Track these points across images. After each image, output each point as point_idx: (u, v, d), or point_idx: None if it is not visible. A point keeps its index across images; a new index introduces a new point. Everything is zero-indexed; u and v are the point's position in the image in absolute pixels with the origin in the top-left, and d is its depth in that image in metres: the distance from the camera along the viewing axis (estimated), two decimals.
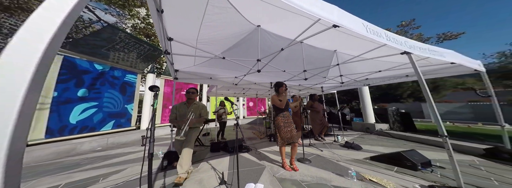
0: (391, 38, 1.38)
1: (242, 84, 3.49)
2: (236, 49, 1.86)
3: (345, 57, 2.18)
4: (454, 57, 1.88)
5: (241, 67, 2.30)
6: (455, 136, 3.47)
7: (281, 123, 1.80)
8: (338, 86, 3.94)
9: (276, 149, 2.79)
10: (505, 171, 1.69)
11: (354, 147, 2.68)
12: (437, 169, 1.74)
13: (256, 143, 3.35)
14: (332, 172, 1.69)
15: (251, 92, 5.12)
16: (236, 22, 1.36)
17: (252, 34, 1.56)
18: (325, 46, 1.92)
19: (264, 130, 4.77)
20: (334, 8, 1.07)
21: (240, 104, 8.92)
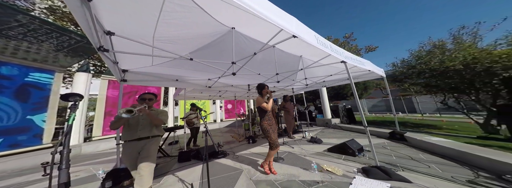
0: (334, 49, 1.79)
1: (217, 86, 3.29)
2: (208, 50, 1.71)
3: (308, 62, 2.50)
4: (370, 66, 2.71)
5: (215, 69, 2.15)
6: (375, 124, 4.90)
7: (268, 126, 1.74)
8: (305, 87, 4.60)
9: (254, 151, 2.76)
10: (398, 147, 2.43)
11: (316, 141, 3.07)
12: (366, 153, 2.20)
13: (235, 147, 3.20)
14: (300, 167, 1.83)
15: (228, 95, 4.89)
16: (207, 23, 1.24)
17: (226, 36, 1.47)
18: (293, 51, 2.10)
19: (243, 132, 4.65)
20: (293, 19, 1.21)
21: (217, 106, 8.38)
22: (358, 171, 1.64)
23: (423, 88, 4.06)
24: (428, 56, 3.85)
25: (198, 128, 3.53)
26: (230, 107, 8.45)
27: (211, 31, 1.41)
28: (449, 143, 2.11)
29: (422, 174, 1.51)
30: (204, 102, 7.49)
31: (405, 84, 4.46)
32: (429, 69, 3.63)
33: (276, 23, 1.07)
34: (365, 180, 1.44)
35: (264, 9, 1.02)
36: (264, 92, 1.82)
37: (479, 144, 2.20)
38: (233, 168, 2.00)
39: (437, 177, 1.42)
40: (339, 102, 9.33)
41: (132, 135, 1.27)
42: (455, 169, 1.58)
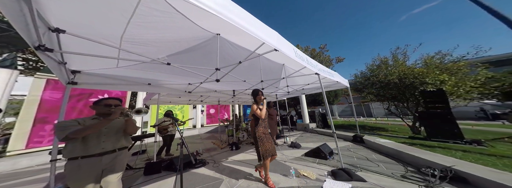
0: (309, 62, 2.04)
1: (199, 91, 3.06)
2: (189, 54, 1.58)
3: (290, 71, 2.67)
4: (338, 77, 3.22)
5: (196, 74, 2.01)
6: (343, 128, 5.66)
7: (263, 134, 1.65)
8: (287, 94, 4.92)
9: (237, 159, 2.66)
10: (359, 149, 2.85)
11: (296, 146, 3.26)
12: (335, 156, 2.41)
13: (216, 154, 3.02)
14: (280, 174, 1.89)
15: (211, 99, 4.62)
16: (190, 28, 1.17)
17: (211, 41, 1.40)
18: (277, 60, 2.19)
19: (226, 138, 4.45)
20: (274, 33, 1.33)
21: (198, 111, 7.71)
22: (328, 174, 1.82)
23: (375, 97, 5.05)
24: (377, 70, 4.81)
25: (173, 135, 3.16)
26: (213, 111, 7.99)
27: (193, 35, 1.32)
28: (390, 144, 2.66)
29: (372, 172, 1.83)
30: (183, 107, 6.80)
31: (363, 93, 5.44)
32: (379, 81, 4.56)
33: (259, 37, 1.14)
34: (333, 182, 1.62)
35: (247, 23, 1.08)
36: (258, 99, 1.75)
37: (409, 143, 2.87)
38: (212, 178, 1.88)
39: (383, 175, 1.75)
40: (316, 107, 10.38)
41: (93, 148, 0.97)
42: (394, 166, 1.99)
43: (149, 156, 2.89)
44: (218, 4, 0.88)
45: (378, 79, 4.57)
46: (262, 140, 1.63)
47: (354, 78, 5.84)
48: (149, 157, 2.85)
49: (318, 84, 3.69)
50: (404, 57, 4.57)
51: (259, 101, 1.74)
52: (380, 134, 4.21)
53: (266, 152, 1.60)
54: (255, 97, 1.76)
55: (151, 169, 2.09)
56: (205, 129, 7.25)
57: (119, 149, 1.07)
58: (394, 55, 4.73)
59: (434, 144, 2.88)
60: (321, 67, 2.43)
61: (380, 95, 4.75)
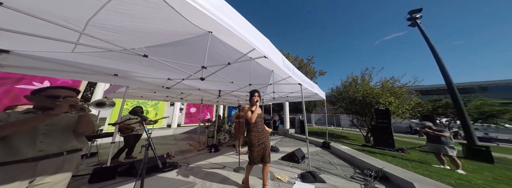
0: (294, 72, 2.26)
1: (180, 88, 2.86)
2: (173, 48, 1.45)
3: (278, 78, 2.80)
4: (317, 90, 3.68)
5: (178, 70, 1.88)
6: (316, 135, 6.28)
7: (255, 139, 1.52)
8: (272, 100, 5.17)
9: (215, 161, 2.60)
10: (325, 154, 3.26)
11: (275, 150, 3.46)
12: (306, 160, 2.59)
13: (191, 157, 2.84)
14: (257, 177, 1.96)
15: (193, 98, 4.35)
16: (178, 22, 1.06)
17: (201, 37, 1.31)
18: (267, 66, 2.22)
19: (205, 139, 4.24)
20: (266, 41, 1.41)
21: (176, 108, 7.03)
22: (298, 176, 2.02)
23: (344, 110, 5.95)
24: (348, 86, 5.70)
25: (138, 135, 2.80)
26: (194, 110, 7.45)
27: (182, 30, 1.22)
28: (348, 150, 3.19)
29: (331, 174, 2.15)
30: (157, 103, 6.07)
31: (336, 106, 6.32)
32: (348, 97, 5.43)
33: (250, 43, 1.19)
34: (301, 184, 1.81)
35: (241, 28, 1.09)
36: (253, 100, 1.60)
37: (360, 150, 3.51)
38: (183, 182, 1.79)
39: (338, 176, 2.09)
40: (297, 114, 11.22)
41: (22, 151, 0.71)
42: (348, 169, 2.41)
43: (101, 160, 2.45)
44: (213, 5, 0.90)
45: (348, 95, 5.44)
46: (252, 145, 1.53)
47: (330, 92, 6.74)
48: (100, 161, 2.42)
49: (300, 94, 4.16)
50: (369, 77, 5.52)
51: (253, 103, 1.60)
52: (343, 142, 4.94)
53: (257, 157, 1.51)
54: (250, 98, 1.65)
55: (101, 175, 1.76)
56: (182, 129, 6.64)
57: (68, 151, 0.83)
58: (362, 75, 5.67)
59: (376, 151, 3.66)
60: (304, 78, 2.73)
61: (348, 108, 5.63)
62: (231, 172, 2.18)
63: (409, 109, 4.60)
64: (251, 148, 1.54)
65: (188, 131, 6.69)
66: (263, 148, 1.53)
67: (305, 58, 11.79)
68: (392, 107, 4.45)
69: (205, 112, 7.85)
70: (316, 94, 3.59)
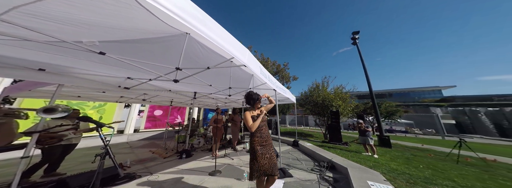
0: (270, 79, 2.52)
1: (143, 88, 2.43)
2: (138, 46, 1.24)
3: (258, 82, 2.88)
4: (289, 94, 4.21)
5: (143, 69, 1.62)
6: (289, 135, 6.91)
7: (258, 146, 1.26)
8: None
9: (187, 167, 2.38)
10: (294, 152, 3.74)
11: None
12: (279, 158, 2.91)
13: (154, 166, 2.47)
14: (234, 178, 1.98)
15: (160, 99, 3.76)
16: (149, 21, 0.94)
17: (176, 38, 1.17)
18: (247, 70, 2.20)
19: (174, 145, 3.75)
20: (246, 51, 1.52)
21: (133, 111, 5.66)
22: None
23: (310, 111, 7.04)
24: (313, 92, 6.83)
25: (71, 145, 2.13)
26: (160, 113, 6.35)
27: (154, 29, 1.08)
28: (311, 146, 3.81)
29: (298, 169, 2.51)
30: (103, 105, 4.79)
31: (304, 108, 7.37)
32: (313, 101, 6.50)
33: (230, 52, 1.24)
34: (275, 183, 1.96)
35: (219, 38, 1.11)
36: (256, 105, 1.39)
37: (319, 145, 4.31)
38: None
39: (302, 170, 2.47)
40: (274, 116, 11.99)
41: None
42: (310, 163, 2.89)
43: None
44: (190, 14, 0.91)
45: (313, 99, 6.53)
46: (255, 154, 1.24)
47: (300, 95, 7.82)
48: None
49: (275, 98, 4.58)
50: (327, 84, 6.85)
51: (256, 108, 1.40)
52: (309, 139, 5.82)
53: (260, 169, 1.20)
54: (253, 103, 1.38)
55: None
56: (141, 135, 5.48)
57: None
58: (323, 82, 6.96)
59: (330, 146, 4.58)
60: (278, 85, 3.06)
61: (312, 110, 6.73)
62: (205, 176, 2.07)
63: (350, 110, 6.15)
64: (254, 156, 1.24)
65: (150, 137, 5.59)
66: (268, 158, 1.25)
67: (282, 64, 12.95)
68: (341, 109, 5.78)
69: (175, 114, 6.82)
70: (288, 98, 4.07)
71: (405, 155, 3.68)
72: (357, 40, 7.00)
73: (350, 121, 12.84)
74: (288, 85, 12.21)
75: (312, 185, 1.88)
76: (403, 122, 13.60)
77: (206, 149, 3.83)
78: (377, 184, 1.60)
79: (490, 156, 4.11)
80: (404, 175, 2.24)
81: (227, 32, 1.28)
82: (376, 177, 1.83)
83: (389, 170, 2.43)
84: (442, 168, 2.77)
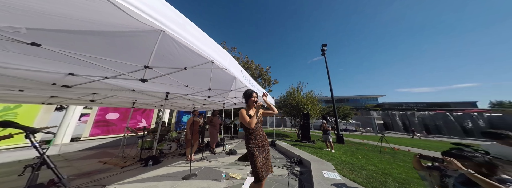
0: (251, 83, 2.63)
1: (94, 87, 1.98)
2: (88, 38, 1.01)
3: (240, 85, 2.90)
4: (268, 97, 4.51)
5: (93, 64, 1.34)
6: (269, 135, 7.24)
7: (255, 148, 1.24)
8: (233, 104, 5.25)
9: (153, 174, 2.11)
10: (272, 151, 3.98)
11: (232, 153, 3.54)
12: None
13: (108, 177, 2.05)
14: (211, 180, 1.93)
15: (118, 101, 3.10)
16: (110, 14, 0.79)
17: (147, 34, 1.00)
18: (232, 71, 2.11)
19: (136, 152, 3.21)
20: (227, 55, 1.55)
21: (70, 116, 4.32)
22: (249, 173, 2.27)
23: (287, 113, 7.71)
24: (289, 95, 7.57)
25: None
26: (116, 117, 5.15)
27: (118, 22, 0.89)
28: (286, 145, 4.19)
29: (273, 166, 2.66)
30: (17, 107, 3.44)
31: (282, 110, 7.98)
32: (289, 104, 7.18)
33: (209, 56, 1.23)
34: (250, 178, 2.06)
35: (200, 42, 1.08)
36: (251, 102, 1.36)
37: (293, 144, 4.79)
38: None
39: (277, 167, 2.70)
40: None
41: None
42: (283, 160, 3.18)
43: None
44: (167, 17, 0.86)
45: (290, 102, 7.22)
46: (253, 156, 1.23)
47: (279, 99, 8.45)
48: None
49: None
50: (301, 89, 7.76)
51: (251, 105, 1.38)
52: (285, 139, 6.34)
53: (260, 172, 1.20)
54: (247, 100, 1.39)
55: None
56: (83, 144, 4.23)
57: None
58: (298, 87, 7.83)
59: (302, 144, 5.21)
60: (259, 88, 3.23)
61: (289, 112, 7.40)
62: (178, 181, 1.92)
63: (318, 113, 7.23)
64: (252, 159, 1.23)
65: (98, 146, 4.39)
66: (264, 157, 1.27)
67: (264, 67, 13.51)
68: (310, 111, 6.68)
69: (137, 118, 5.69)
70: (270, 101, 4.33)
71: (352, 149, 4.69)
72: (325, 52, 8.26)
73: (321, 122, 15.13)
74: (270, 89, 12.81)
75: (284, 179, 2.09)
76: (353, 122, 17.13)
77: (180, 153, 3.47)
78: (328, 172, 2.00)
79: (396, 146, 5.91)
80: (349, 164, 2.88)
81: (208, 36, 1.29)
82: (329, 168, 2.27)
83: (340, 162, 3.04)
84: (371, 157, 3.73)
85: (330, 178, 1.81)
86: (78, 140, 4.39)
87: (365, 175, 2.29)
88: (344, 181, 1.83)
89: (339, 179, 1.81)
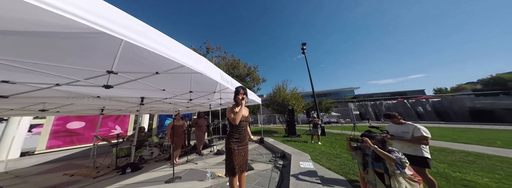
0: (233, 84, 2.60)
1: (42, 96, 1.70)
2: (30, 40, 0.84)
3: (225, 86, 3.00)
4: (254, 96, 4.57)
5: (37, 72, 1.14)
6: (259, 133, 7.48)
7: (235, 146, 1.32)
8: (219, 105, 5.14)
9: (134, 181, 2.02)
10: (260, 148, 4.13)
11: (220, 153, 3.53)
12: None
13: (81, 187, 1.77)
14: (196, 180, 1.93)
15: (80, 108, 2.76)
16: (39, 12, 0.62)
17: (104, 36, 0.81)
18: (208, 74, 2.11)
19: (111, 161, 2.96)
20: (202, 59, 1.48)
21: (12, 127, 3.61)
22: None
23: (275, 110, 8.00)
24: (276, 93, 7.85)
25: None
26: (81, 125, 4.54)
27: (59, 22, 0.74)
28: (273, 141, 4.40)
29: (259, 162, 2.86)
30: None
31: (270, 107, 8.24)
32: (276, 101, 7.46)
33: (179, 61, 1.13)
34: None
35: (164, 47, 1.00)
36: (238, 99, 1.39)
37: (280, 140, 5.06)
38: None
39: (263, 162, 2.84)
40: None
41: None
42: (269, 155, 3.36)
43: None
44: (131, 29, 0.79)
45: (276, 99, 7.50)
46: (232, 153, 1.31)
47: (267, 97, 8.67)
48: None
49: None
50: (286, 86, 8.08)
51: (238, 102, 1.40)
52: (274, 136, 6.62)
53: (234, 168, 1.29)
54: (235, 96, 1.43)
55: None
56: (39, 158, 3.61)
57: None
58: (283, 84, 8.13)
59: (288, 139, 5.54)
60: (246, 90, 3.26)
61: (276, 109, 7.70)
62: (160, 185, 1.87)
63: (302, 108, 7.73)
64: (230, 156, 1.32)
65: (61, 158, 3.81)
66: (242, 155, 1.36)
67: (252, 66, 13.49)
68: (295, 107, 7.10)
69: (109, 125, 5.08)
70: (254, 100, 4.41)
71: (331, 140, 5.24)
72: (305, 50, 8.71)
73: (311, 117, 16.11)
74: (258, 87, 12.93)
75: (268, 173, 2.24)
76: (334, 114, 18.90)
77: (163, 158, 3.32)
78: (305, 162, 2.23)
79: None
80: (327, 154, 3.24)
81: (176, 42, 1.23)
82: (306, 158, 2.52)
83: (320, 152, 3.39)
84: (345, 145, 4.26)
85: (304, 167, 2.03)
86: (31, 154, 3.69)
87: (339, 162, 2.61)
88: (316, 169, 2.07)
89: (312, 167, 2.04)
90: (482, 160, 2.75)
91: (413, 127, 1.39)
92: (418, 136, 1.35)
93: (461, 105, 17.20)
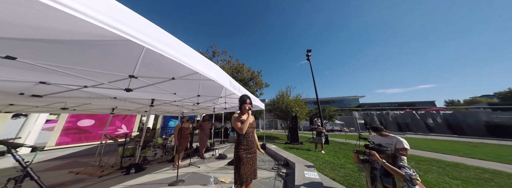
0: (240, 90, 2.68)
1: (69, 96, 1.86)
2: (62, 47, 0.95)
3: (230, 92, 2.97)
4: (258, 102, 4.61)
5: (67, 74, 1.27)
6: (260, 138, 7.47)
7: (244, 154, 1.29)
8: (223, 109, 5.21)
9: (137, 182, 2.03)
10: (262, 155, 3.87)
11: (222, 157, 3.51)
12: None
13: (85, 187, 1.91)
14: (200, 185, 1.92)
15: (94, 107, 2.94)
16: (87, 26, 0.71)
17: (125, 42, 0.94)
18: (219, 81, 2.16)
19: (115, 160, 2.99)
20: (214, 66, 1.61)
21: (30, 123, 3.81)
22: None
23: (277, 116, 7.90)
24: (279, 99, 7.85)
25: None
26: (91, 123, 4.70)
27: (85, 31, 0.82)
28: (275, 148, 4.30)
29: (262, 169, 2.79)
30: None
31: (273, 113, 8.16)
32: (279, 107, 7.43)
33: (195, 69, 1.22)
34: None
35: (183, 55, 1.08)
36: (244, 108, 1.38)
37: (282, 147, 4.93)
38: None
39: (265, 169, 2.77)
40: None
41: None
42: (272, 162, 3.28)
43: None
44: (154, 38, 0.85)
45: (279, 106, 7.47)
46: (240, 161, 1.28)
47: (270, 102, 8.65)
48: None
49: None
50: (289, 93, 8.09)
51: (244, 111, 1.40)
52: (275, 142, 6.47)
53: (242, 178, 1.26)
54: (241, 105, 1.42)
55: None
56: (47, 155, 3.69)
57: None
58: (286, 91, 8.16)
59: (291, 146, 5.39)
60: (250, 95, 3.32)
61: (279, 115, 7.62)
62: (164, 187, 1.88)
63: (305, 115, 7.59)
64: (238, 165, 1.28)
65: (67, 155, 3.88)
66: (251, 164, 1.33)
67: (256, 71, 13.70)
68: (298, 114, 6.99)
69: (117, 124, 5.22)
70: (257, 105, 4.43)
71: (335, 149, 5.04)
72: (310, 57, 8.80)
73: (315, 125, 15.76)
74: (261, 92, 12.96)
75: (270, 181, 2.18)
76: (338, 122, 18.30)
77: (166, 160, 3.31)
78: (309, 172, 2.15)
79: None
80: (331, 164, 3.10)
81: (191, 48, 1.29)
82: (310, 168, 2.43)
83: (323, 162, 3.25)
84: (350, 155, 4.11)
85: (309, 178, 1.95)
86: (39, 150, 3.80)
87: (344, 173, 2.51)
88: (322, 180, 2.00)
89: (317, 178, 1.96)
90: (500, 178, 2.53)
91: (396, 140, 1.46)
92: (399, 148, 1.40)
93: (476, 118, 16.33)
